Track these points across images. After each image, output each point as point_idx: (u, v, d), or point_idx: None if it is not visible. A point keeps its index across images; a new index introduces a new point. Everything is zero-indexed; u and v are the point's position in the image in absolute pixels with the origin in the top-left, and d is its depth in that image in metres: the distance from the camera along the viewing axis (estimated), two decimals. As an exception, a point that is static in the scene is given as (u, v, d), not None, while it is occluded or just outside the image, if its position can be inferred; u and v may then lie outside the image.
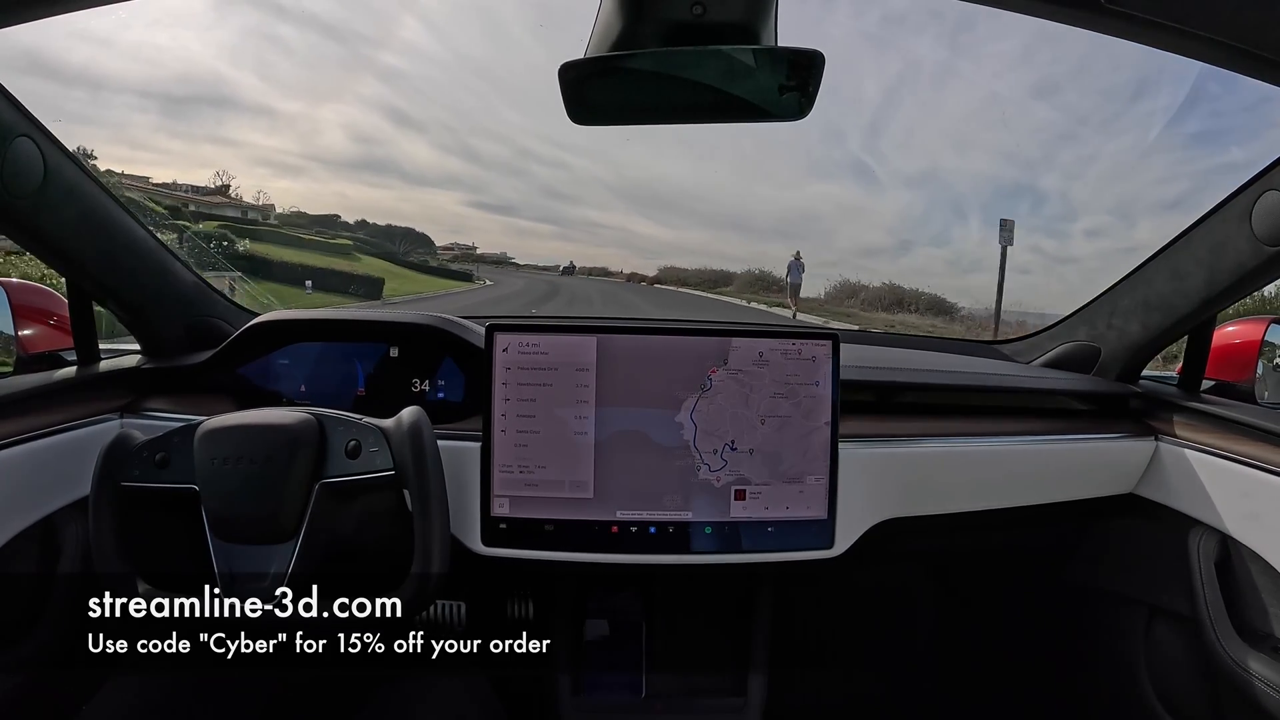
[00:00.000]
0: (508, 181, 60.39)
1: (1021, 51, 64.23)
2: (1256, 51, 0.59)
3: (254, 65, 61.00)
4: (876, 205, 48.88)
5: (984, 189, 41.91)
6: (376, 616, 0.76)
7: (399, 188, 43.03)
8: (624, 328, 0.92)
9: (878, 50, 68.76)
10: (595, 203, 58.77)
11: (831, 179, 60.92)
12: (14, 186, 0.77)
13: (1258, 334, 1.07)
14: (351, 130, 52.36)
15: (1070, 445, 1.06)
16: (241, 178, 59.23)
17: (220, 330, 1.10)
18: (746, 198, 51.36)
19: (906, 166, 55.85)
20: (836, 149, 61.38)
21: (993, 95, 56.24)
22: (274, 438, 0.75)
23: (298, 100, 57.98)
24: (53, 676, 0.87)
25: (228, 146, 42.48)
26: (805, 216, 46.57)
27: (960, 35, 74.70)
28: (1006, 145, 44.19)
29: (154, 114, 39.88)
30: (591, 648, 1.11)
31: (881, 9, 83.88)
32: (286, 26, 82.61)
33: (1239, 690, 0.89)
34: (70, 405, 0.91)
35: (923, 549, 1.29)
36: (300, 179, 41.60)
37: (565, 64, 0.70)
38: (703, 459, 0.90)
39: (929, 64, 70.71)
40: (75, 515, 0.88)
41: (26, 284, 1.02)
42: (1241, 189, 0.91)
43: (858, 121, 64.52)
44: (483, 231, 46.36)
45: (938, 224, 37.80)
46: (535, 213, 49.64)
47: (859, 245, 38.79)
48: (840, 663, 1.42)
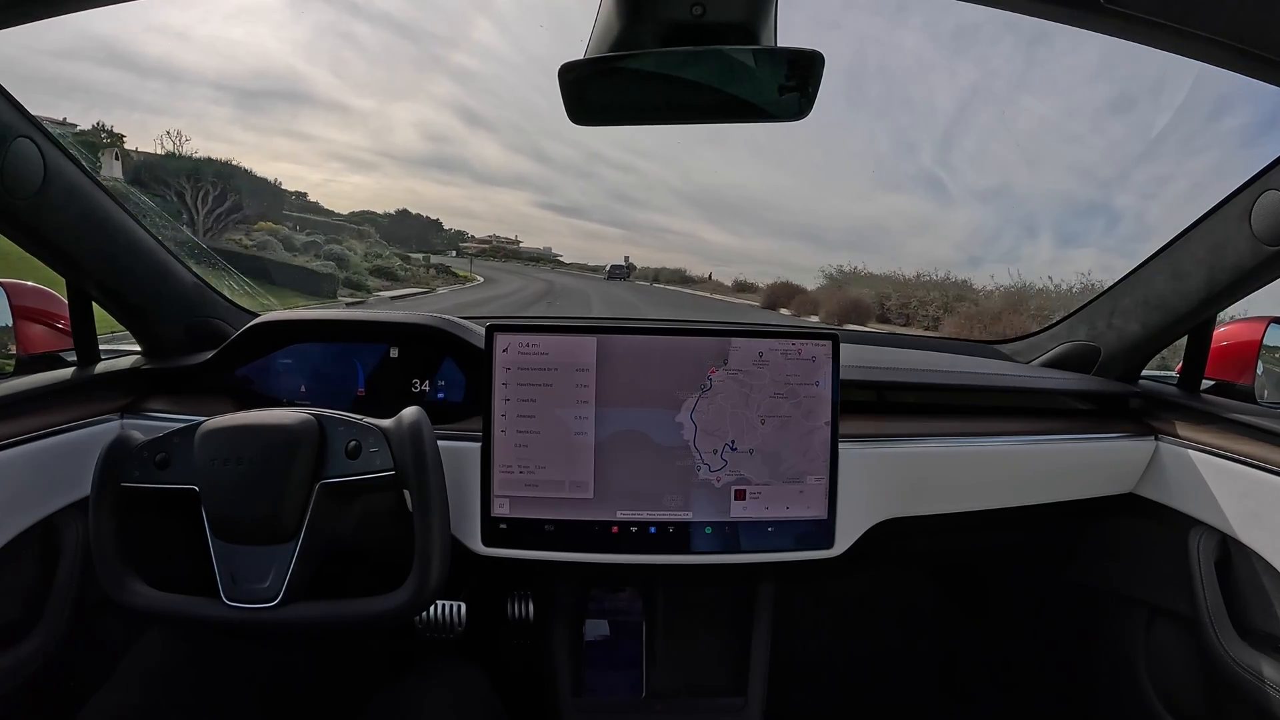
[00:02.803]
0: (576, 184, 60.29)
1: (1098, 65, 63.40)
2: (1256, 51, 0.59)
3: (328, 62, 61.08)
4: (947, 219, 48.20)
5: (1057, 206, 41.10)
6: (377, 617, 0.76)
7: (468, 186, 42.91)
8: (624, 328, 0.92)
9: (952, 61, 68.45)
10: (663, 208, 58.36)
11: (902, 191, 60.21)
12: (14, 186, 0.77)
13: (1257, 334, 1.07)
14: (423, 128, 52.35)
15: (1070, 445, 1.06)
16: (312, 171, 58.72)
17: (220, 331, 1.10)
18: (817, 208, 50.94)
19: (978, 180, 54.95)
20: (908, 161, 61.02)
21: (1068, 110, 55.63)
22: (274, 438, 0.75)
23: (371, 97, 57.95)
24: (53, 676, 0.87)
25: (301, 140, 42.43)
26: (875, 229, 46.00)
27: (1036, 47, 74.21)
28: (1081, 161, 43.27)
29: (229, 106, 39.82)
30: (591, 648, 1.11)
31: (956, 19, 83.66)
32: (360, 24, 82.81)
33: (1239, 690, 0.89)
34: (70, 406, 0.91)
35: (923, 549, 1.29)
36: (372, 174, 41.55)
37: (565, 64, 0.70)
38: (703, 459, 0.90)
39: (1004, 76, 70.07)
40: (75, 516, 0.88)
41: (26, 284, 1.02)
42: (1241, 189, 0.91)
43: (931, 134, 64.14)
44: (552, 233, 46.23)
45: (1008, 240, 36.74)
46: (603, 216, 49.47)
47: (928, 259, 38.11)
48: (840, 663, 1.42)
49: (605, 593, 1.15)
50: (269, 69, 44.75)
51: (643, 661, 1.10)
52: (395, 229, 18.13)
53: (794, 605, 1.21)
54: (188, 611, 0.75)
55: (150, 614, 0.76)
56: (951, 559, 1.40)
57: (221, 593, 0.74)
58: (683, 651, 1.12)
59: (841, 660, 1.42)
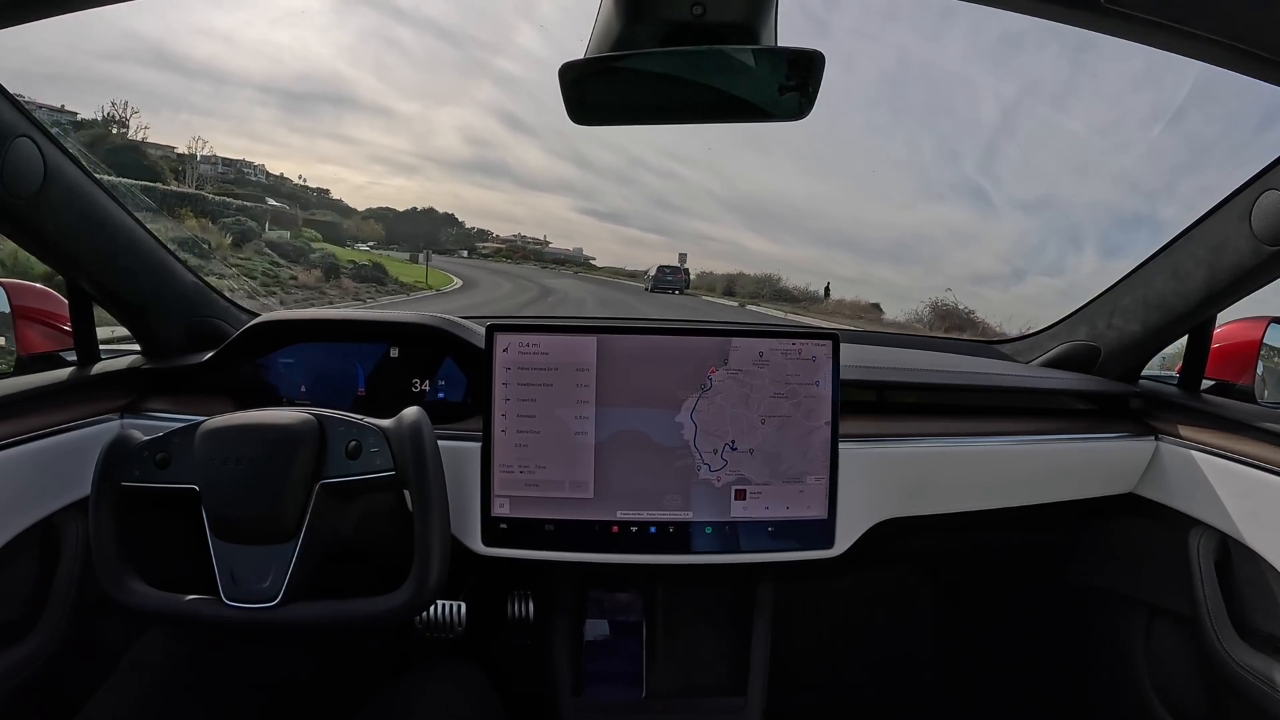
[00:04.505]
0: (618, 190, 59.98)
1: (1145, 73, 62.58)
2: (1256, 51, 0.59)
3: (372, 66, 61.10)
4: (990, 230, 47.54)
5: (1102, 217, 40.42)
6: (377, 617, 0.76)
7: (510, 190, 42.74)
8: (624, 328, 0.92)
9: (996, 69, 67.83)
10: (705, 215, 57.79)
11: (945, 201, 59.32)
12: (14, 186, 0.77)
13: (1257, 334, 1.07)
14: (466, 133, 52.31)
15: (1070, 445, 1.06)
16: (356, 174, 58.38)
17: (220, 330, 1.10)
18: (860, 215, 50.42)
19: (1022, 191, 54.01)
20: (951, 170, 60.45)
21: (1114, 120, 54.98)
22: (274, 438, 0.75)
23: (414, 101, 57.92)
24: (53, 676, 0.87)
25: (346, 143, 42.31)
26: (917, 238, 45.48)
27: (1082, 54, 73.58)
28: (1128, 172, 42.47)
29: (274, 109, 39.80)
30: (591, 648, 1.11)
31: (1000, 26, 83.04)
32: (404, 29, 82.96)
33: (1239, 690, 0.89)
34: (70, 405, 0.91)
35: (923, 549, 1.30)
36: (415, 178, 41.45)
37: (565, 64, 0.70)
38: (703, 459, 0.90)
39: (1049, 84, 69.11)
40: (75, 515, 0.88)
41: (26, 284, 1.02)
42: (1241, 188, 0.91)
43: (975, 142, 63.56)
44: (594, 239, 46.01)
45: (1052, 252, 35.94)
46: (644, 222, 49.04)
47: (971, 271, 37.36)
48: (840, 663, 1.42)
49: (605, 593, 1.15)
50: (314, 72, 45.14)
51: (643, 661, 1.10)
52: (401, 225, 17.61)
53: (794, 605, 1.21)
54: (188, 611, 0.75)
55: (150, 614, 0.76)
56: (951, 559, 1.40)
57: (221, 593, 0.74)
58: (683, 651, 1.12)
59: (841, 660, 1.42)
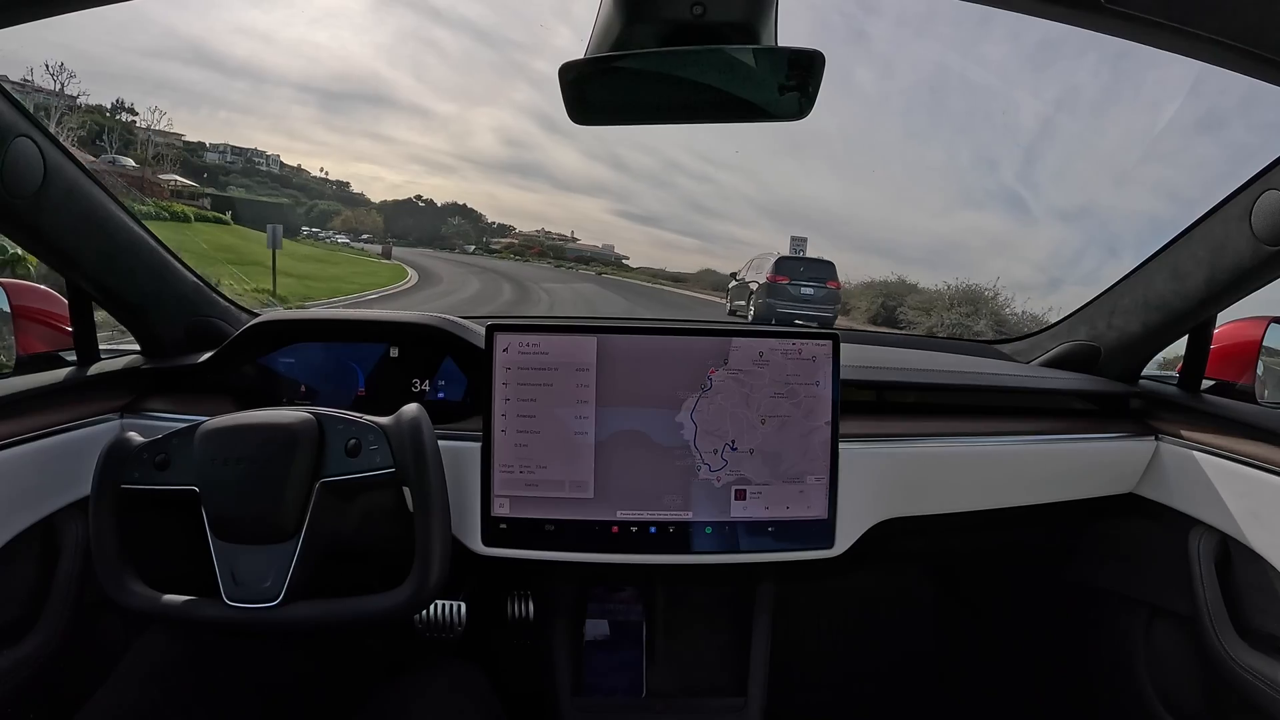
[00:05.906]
0: (654, 193, 59.37)
1: (1189, 81, 61.72)
2: (1256, 51, 0.59)
3: (410, 66, 60.70)
4: (1027, 238, 47.09)
5: (1142, 227, 39.85)
6: (378, 615, 0.76)
7: (546, 192, 42.37)
8: (624, 328, 0.92)
9: (1035, 75, 67.04)
10: (739, 219, 57.28)
11: (981, 208, 58.71)
12: (14, 186, 0.77)
13: (1257, 334, 1.07)
14: (502, 134, 51.92)
15: (1070, 445, 1.06)
16: (393, 174, 57.60)
17: (220, 330, 1.10)
18: (894, 221, 50.01)
19: (1060, 199, 53.30)
20: (988, 177, 59.78)
21: (1153, 127, 54.10)
22: (273, 437, 0.75)
23: (451, 102, 57.56)
24: (52, 676, 0.87)
25: (382, 142, 42.03)
26: (952, 246, 45.12)
27: (1121, 61, 72.66)
28: (1168, 181, 41.74)
29: (313, 108, 39.62)
30: (591, 647, 1.11)
31: (1040, 33, 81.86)
32: (441, 30, 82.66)
33: (1239, 690, 0.89)
34: (70, 405, 0.91)
35: (923, 549, 1.29)
36: (451, 177, 41.14)
37: (565, 64, 0.70)
38: (703, 459, 0.90)
39: (1088, 91, 68.35)
40: (75, 516, 0.88)
41: (26, 284, 1.02)
42: (1241, 188, 0.91)
43: (1012, 150, 62.88)
44: (629, 241, 45.47)
45: (1090, 262, 35.40)
46: (679, 225, 48.54)
47: (1006, 280, 36.70)
48: (840, 663, 1.42)
49: (605, 592, 1.15)
50: (352, 72, 45.08)
51: (643, 661, 1.10)
52: (400, 217, 17.24)
53: (794, 605, 1.21)
54: (188, 612, 0.75)
55: (150, 615, 0.76)
56: (952, 559, 1.40)
57: (222, 593, 0.74)
58: (683, 651, 1.12)
59: (841, 660, 1.42)
